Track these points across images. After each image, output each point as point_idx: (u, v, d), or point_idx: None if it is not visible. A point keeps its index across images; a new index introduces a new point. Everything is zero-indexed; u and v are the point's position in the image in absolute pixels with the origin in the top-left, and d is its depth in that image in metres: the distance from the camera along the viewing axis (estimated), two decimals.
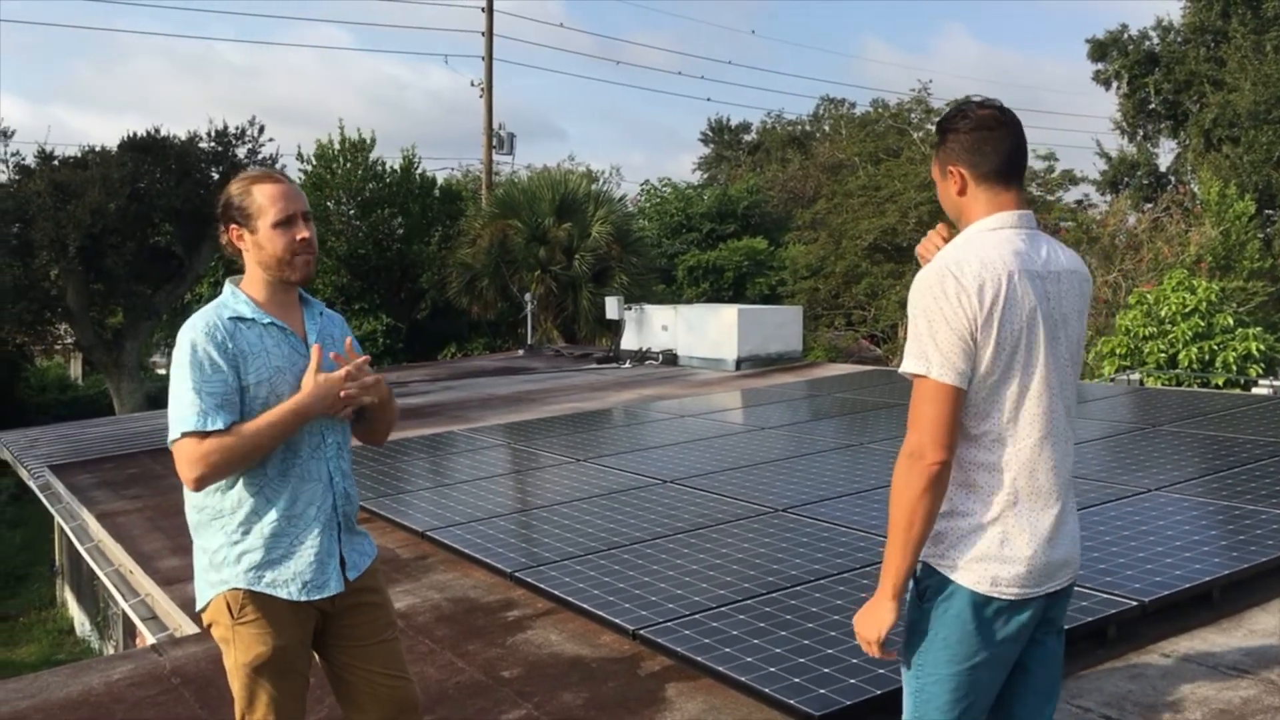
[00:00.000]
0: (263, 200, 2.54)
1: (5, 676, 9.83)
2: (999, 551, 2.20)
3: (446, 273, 21.51)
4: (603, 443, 8.23)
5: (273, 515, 2.52)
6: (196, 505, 2.57)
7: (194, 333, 2.48)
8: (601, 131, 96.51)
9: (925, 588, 2.25)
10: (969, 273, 2.15)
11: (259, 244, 2.55)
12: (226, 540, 2.53)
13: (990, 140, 2.24)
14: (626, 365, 14.92)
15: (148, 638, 5.63)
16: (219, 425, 2.41)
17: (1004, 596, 2.22)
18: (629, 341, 15.72)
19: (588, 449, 7.94)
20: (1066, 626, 3.70)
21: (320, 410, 2.52)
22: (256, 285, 2.60)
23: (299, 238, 2.55)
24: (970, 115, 2.25)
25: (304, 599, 2.53)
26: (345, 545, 2.63)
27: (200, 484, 2.44)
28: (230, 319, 2.53)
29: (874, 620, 2.20)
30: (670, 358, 14.69)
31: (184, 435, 2.42)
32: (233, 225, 2.58)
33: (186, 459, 2.43)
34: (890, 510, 2.17)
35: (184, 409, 2.43)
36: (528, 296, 19.07)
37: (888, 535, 2.18)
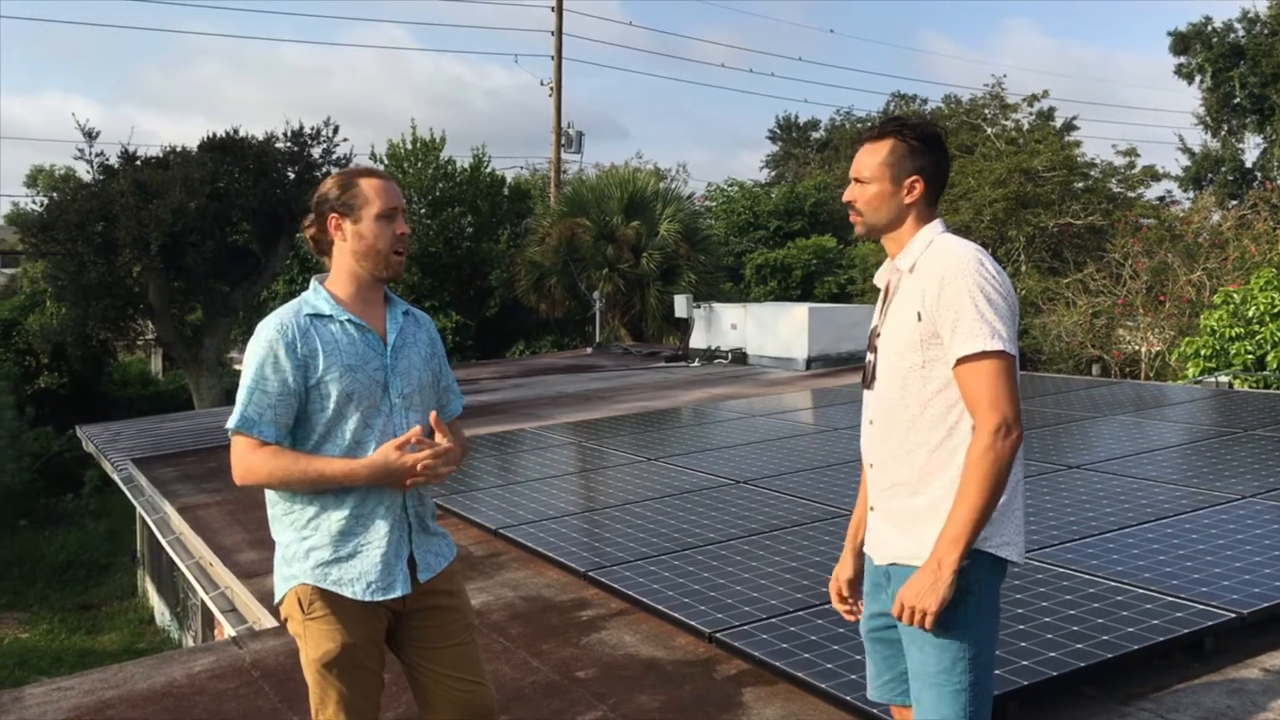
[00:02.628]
0: (370, 192, 2.56)
1: (88, 664, 10.12)
2: (1023, 520, 2.34)
3: (515, 271, 21.63)
4: (673, 442, 8.19)
5: (341, 513, 2.52)
6: (272, 500, 2.60)
7: (268, 329, 2.52)
8: (664, 130, 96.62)
9: (978, 573, 2.25)
10: (990, 257, 2.30)
11: (360, 234, 2.56)
12: (296, 536, 2.55)
13: (949, 163, 2.45)
14: (695, 364, 14.85)
15: (227, 629, 5.71)
16: (269, 437, 2.47)
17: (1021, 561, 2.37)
18: (698, 340, 15.65)
19: (658, 448, 7.90)
20: (1162, 638, 3.63)
21: (375, 485, 2.52)
22: (342, 281, 2.61)
23: (399, 232, 2.58)
24: (942, 138, 2.43)
25: (368, 599, 2.52)
26: (417, 546, 2.61)
27: (240, 484, 2.52)
28: (308, 316, 2.55)
29: (935, 592, 2.18)
30: (739, 356, 14.60)
31: (239, 432, 2.49)
32: (333, 215, 2.57)
33: (236, 456, 2.51)
34: (975, 486, 2.17)
35: (240, 403, 2.50)
36: (596, 295, 19.10)
37: (964, 510, 2.17)
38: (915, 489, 2.33)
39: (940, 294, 2.25)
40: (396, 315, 2.66)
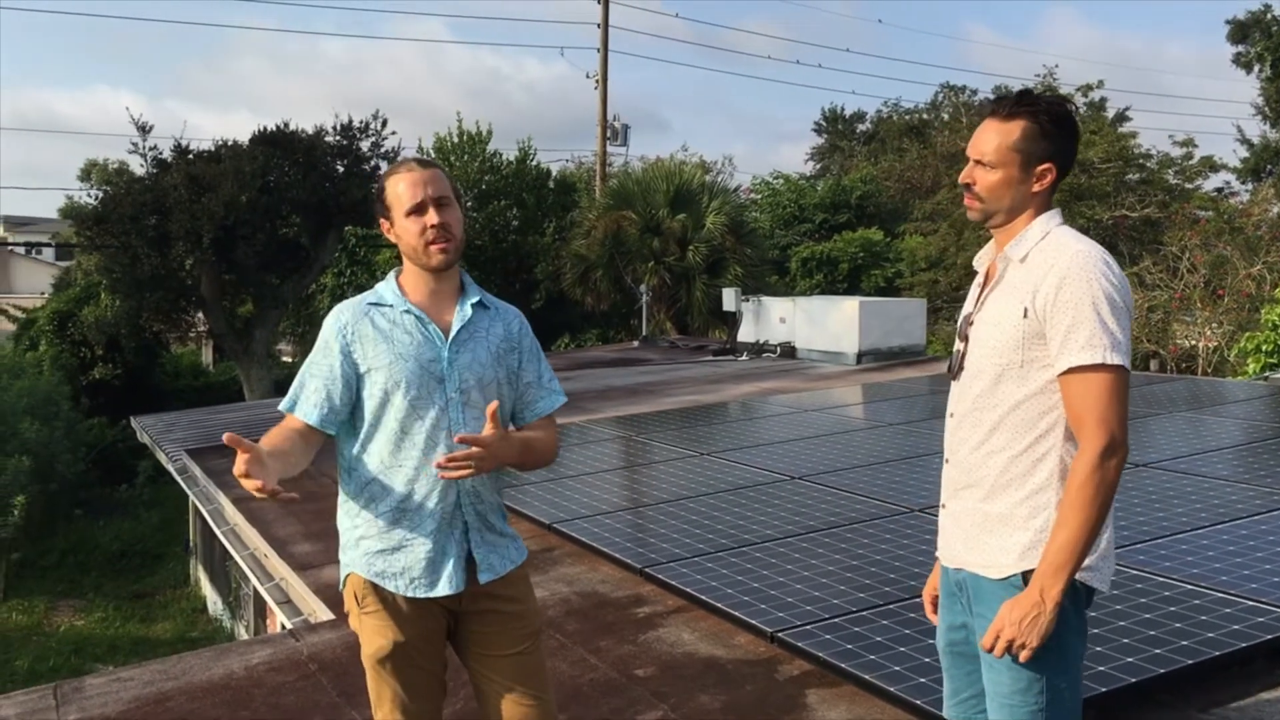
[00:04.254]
0: (397, 190, 2.53)
1: (143, 652, 10.23)
2: (1111, 545, 2.18)
3: (560, 264, 21.63)
4: (725, 436, 8.11)
5: (387, 504, 2.50)
6: (340, 488, 2.59)
7: (330, 316, 2.58)
8: (704, 123, 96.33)
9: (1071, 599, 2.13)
10: (1113, 258, 2.12)
11: (398, 235, 2.56)
12: (350, 524, 2.56)
13: (1078, 145, 2.26)
14: (744, 358, 14.74)
15: (279, 618, 5.73)
16: (312, 419, 2.49)
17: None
18: (745, 334, 15.52)
19: (710, 442, 7.82)
20: (1243, 644, 3.50)
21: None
22: (410, 274, 2.61)
23: (429, 224, 2.50)
24: (1075, 118, 2.22)
25: (410, 595, 2.48)
26: (477, 545, 2.54)
27: None
28: (368, 304, 2.57)
29: (1037, 627, 2.05)
30: (788, 350, 14.46)
31: (288, 413, 2.53)
32: (383, 220, 2.60)
33: None
34: (1079, 511, 2.04)
35: (294, 383, 2.56)
36: (643, 288, 19.04)
37: (1066, 536, 2.04)
38: (989, 494, 2.21)
39: (1057, 294, 2.08)
40: (465, 307, 2.60)
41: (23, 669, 10.29)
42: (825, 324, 14.02)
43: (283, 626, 6.05)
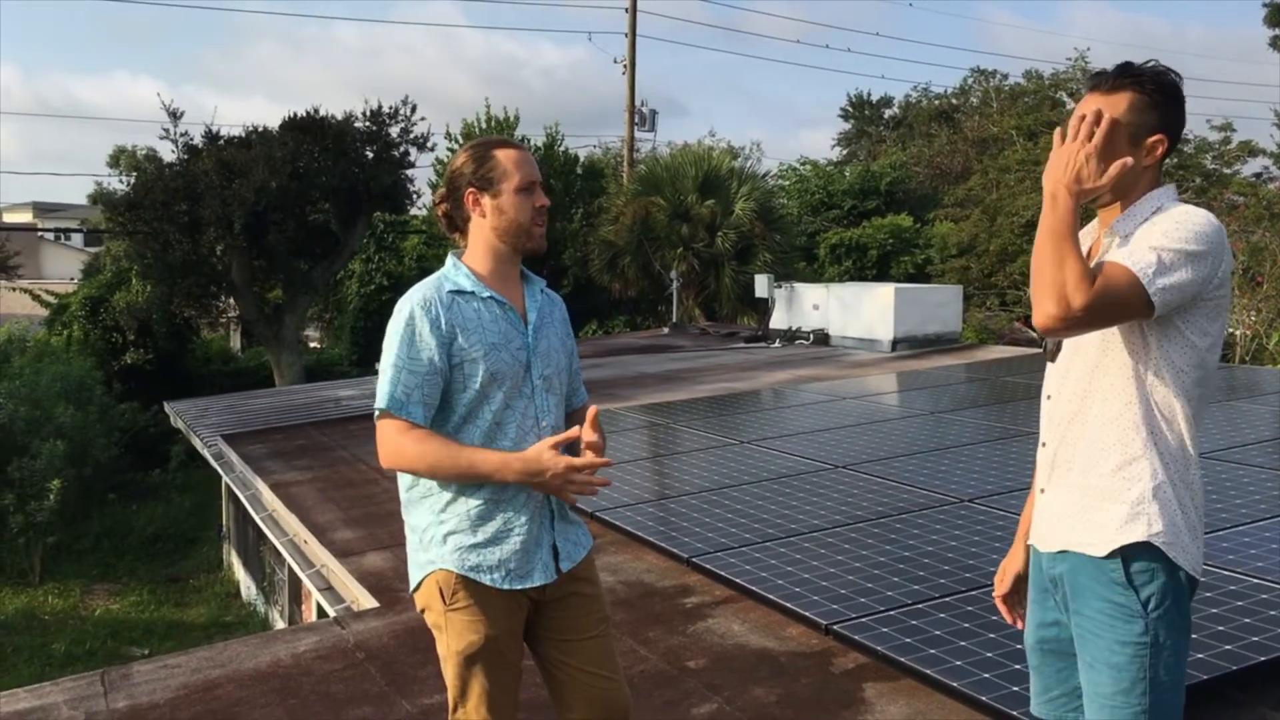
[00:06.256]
0: (507, 165, 2.46)
1: (177, 636, 10.25)
2: (1197, 529, 2.10)
3: (588, 250, 21.57)
4: (763, 424, 8.03)
5: (480, 496, 2.42)
6: (408, 482, 2.51)
7: (411, 305, 2.43)
8: (722, 108, 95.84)
9: (1162, 588, 2.03)
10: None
11: (500, 209, 2.46)
12: (434, 519, 2.46)
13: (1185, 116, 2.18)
14: (776, 344, 14.64)
15: (324, 607, 5.71)
16: (418, 418, 2.37)
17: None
18: (778, 320, 15.42)
19: (749, 430, 7.75)
20: None
21: (524, 484, 2.38)
22: (481, 257, 2.51)
23: (539, 204, 2.47)
24: (1181, 87, 2.12)
25: (507, 587, 2.43)
26: (559, 534, 2.52)
27: (387, 466, 2.41)
28: (449, 293, 2.45)
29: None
30: (821, 337, 14.35)
31: (386, 414, 2.39)
32: (470, 190, 2.48)
33: (383, 439, 2.40)
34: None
35: (385, 383, 2.40)
36: (673, 274, 18.95)
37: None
38: (1085, 469, 2.12)
39: (1144, 234, 2.02)
40: (535, 293, 2.57)
41: (60, 652, 10.36)
42: (860, 311, 13.90)
43: (318, 609, 6.05)
